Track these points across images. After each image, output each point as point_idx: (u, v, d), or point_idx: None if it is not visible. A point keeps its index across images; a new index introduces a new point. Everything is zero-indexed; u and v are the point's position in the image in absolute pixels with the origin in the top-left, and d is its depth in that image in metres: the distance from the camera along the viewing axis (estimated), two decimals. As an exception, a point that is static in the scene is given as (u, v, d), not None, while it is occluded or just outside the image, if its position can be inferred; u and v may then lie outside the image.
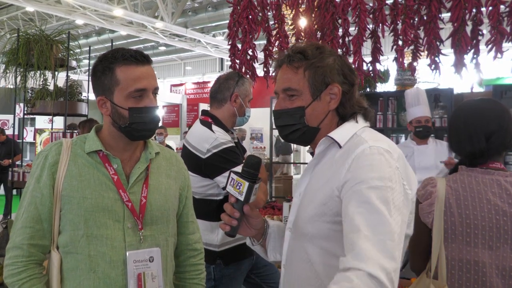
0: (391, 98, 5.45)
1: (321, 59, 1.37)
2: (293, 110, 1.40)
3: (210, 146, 2.35)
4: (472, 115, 1.83)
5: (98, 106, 1.55)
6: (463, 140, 1.81)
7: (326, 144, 1.39)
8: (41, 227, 1.49)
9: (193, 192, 2.19)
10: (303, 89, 1.38)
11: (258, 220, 1.49)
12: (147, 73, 1.52)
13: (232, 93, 2.56)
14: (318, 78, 1.37)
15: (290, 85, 1.40)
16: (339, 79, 1.37)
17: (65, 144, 1.55)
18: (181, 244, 1.75)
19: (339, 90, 1.37)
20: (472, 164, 1.80)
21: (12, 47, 4.21)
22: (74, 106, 4.51)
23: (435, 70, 3.43)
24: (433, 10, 3.10)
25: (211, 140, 2.37)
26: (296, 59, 1.39)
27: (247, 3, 4.02)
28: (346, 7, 3.40)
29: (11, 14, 16.52)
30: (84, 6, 12.73)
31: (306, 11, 3.81)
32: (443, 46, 3.36)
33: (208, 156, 2.34)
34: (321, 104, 1.39)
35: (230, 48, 4.20)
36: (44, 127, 11.49)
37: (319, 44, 1.43)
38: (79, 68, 4.67)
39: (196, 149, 2.39)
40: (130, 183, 1.54)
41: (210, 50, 18.12)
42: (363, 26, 3.32)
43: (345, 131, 1.37)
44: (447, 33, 3.31)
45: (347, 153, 1.30)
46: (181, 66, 23.84)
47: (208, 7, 14.08)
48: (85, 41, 17.23)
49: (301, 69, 1.38)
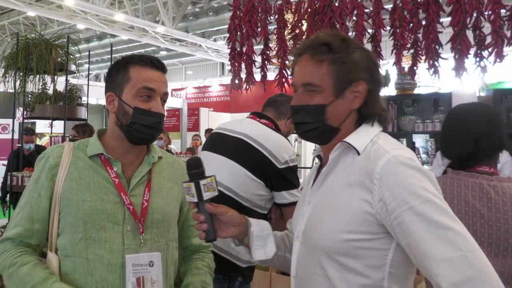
0: (391, 102, 5.43)
1: (348, 53, 1.27)
2: (313, 107, 1.29)
3: (288, 158, 2.17)
4: (461, 118, 1.83)
5: (106, 103, 1.57)
6: (452, 143, 1.81)
7: (341, 149, 1.30)
8: (32, 227, 1.50)
9: (241, 198, 2.13)
10: (326, 85, 1.28)
11: (228, 215, 1.39)
12: (159, 78, 1.54)
13: None
14: (344, 74, 1.27)
15: (311, 79, 1.29)
16: (365, 76, 1.28)
17: (67, 147, 1.56)
18: (186, 249, 1.75)
19: (364, 88, 1.28)
20: (460, 167, 1.79)
21: (12, 51, 4.20)
22: (74, 110, 4.50)
23: (434, 74, 3.43)
24: (431, 14, 3.09)
25: (291, 152, 2.20)
26: (320, 51, 1.28)
27: (250, 6, 4.02)
28: (344, 11, 3.40)
29: (13, 18, 16.56)
30: (85, 10, 12.75)
31: (308, 16, 3.81)
32: (443, 50, 3.36)
33: (284, 168, 2.16)
34: (344, 103, 1.29)
35: (230, 51, 4.19)
36: (44, 131, 11.51)
37: (345, 36, 1.32)
38: (79, 73, 4.64)
39: (273, 156, 2.15)
40: (131, 186, 1.54)
41: (211, 55, 18.14)
42: (360, 30, 3.32)
43: (363, 136, 1.28)
44: (447, 37, 3.31)
45: (367, 163, 1.22)
46: (182, 70, 23.85)
47: (209, 11, 14.10)
48: (86, 46, 17.25)
49: (325, 63, 1.27)
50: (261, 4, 4.05)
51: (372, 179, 1.19)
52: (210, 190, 1.32)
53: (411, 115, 5.31)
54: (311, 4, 3.70)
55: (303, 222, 1.36)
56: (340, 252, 1.23)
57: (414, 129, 5.23)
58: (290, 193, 2.17)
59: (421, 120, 5.19)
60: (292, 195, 2.17)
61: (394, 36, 3.41)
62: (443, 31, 3.32)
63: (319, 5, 3.60)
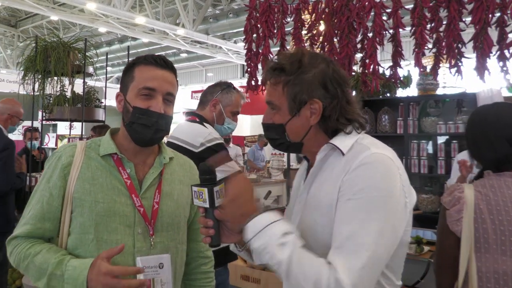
0: (413, 103, 5.31)
1: (300, 73, 1.33)
2: (275, 125, 1.39)
3: (204, 140, 2.33)
4: (488, 120, 1.74)
5: (116, 102, 1.57)
6: (483, 147, 1.72)
7: (327, 150, 1.35)
8: (42, 226, 1.50)
9: None
10: (282, 105, 1.36)
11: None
12: (163, 76, 1.52)
13: (214, 98, 2.57)
14: (296, 94, 1.33)
15: (271, 99, 1.38)
16: (320, 94, 1.33)
17: (80, 147, 1.55)
18: (192, 251, 1.73)
19: (319, 106, 1.33)
20: (498, 170, 1.70)
21: (31, 54, 4.25)
22: (91, 112, 4.54)
23: (456, 74, 3.32)
24: (452, 11, 2.99)
25: (205, 134, 2.36)
26: (274, 75, 1.37)
27: (266, 7, 3.98)
28: (361, 10, 3.32)
29: (37, 23, 16.93)
30: (107, 14, 12.94)
31: (326, 16, 3.75)
32: (465, 48, 3.25)
33: (202, 149, 2.31)
34: (301, 120, 1.35)
35: (247, 52, 4.16)
36: (65, 133, 11.70)
37: (301, 55, 1.37)
38: (97, 76, 4.67)
39: (188, 143, 2.34)
40: (143, 189, 1.52)
41: (231, 57, 18.19)
42: (378, 30, 3.23)
43: (347, 138, 1.33)
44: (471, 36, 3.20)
45: (350, 160, 1.26)
46: (203, 72, 23.98)
47: (229, 13, 14.13)
48: (108, 49, 17.49)
49: (279, 85, 1.35)
50: (278, 5, 4.00)
51: (348, 171, 1.24)
52: (221, 197, 1.32)
53: (433, 116, 5.19)
54: (329, 4, 3.63)
55: (295, 222, 1.40)
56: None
57: (436, 131, 5.11)
58: (219, 170, 2.16)
59: (443, 122, 5.06)
60: (221, 171, 2.20)
61: (415, 35, 3.32)
62: (466, 30, 3.21)
63: (337, 4, 3.53)
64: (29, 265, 1.44)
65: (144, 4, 13.37)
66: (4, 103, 3.96)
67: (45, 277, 1.40)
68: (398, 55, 3.50)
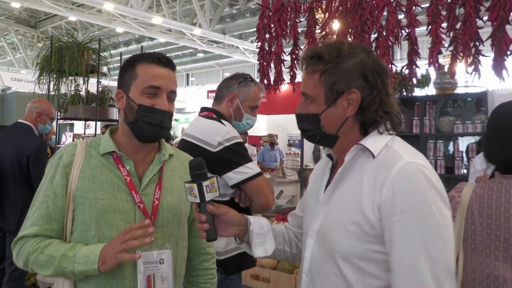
0: (429, 102, 5.22)
1: (338, 63, 1.30)
2: (308, 116, 1.37)
3: (221, 139, 2.15)
4: (502, 120, 1.68)
5: (116, 100, 1.58)
6: (494, 147, 1.67)
7: (356, 151, 1.32)
8: (50, 227, 1.51)
9: None
10: (317, 95, 1.34)
11: (229, 215, 1.42)
12: (166, 75, 1.54)
13: (230, 92, 2.40)
14: (334, 83, 1.30)
15: (305, 90, 1.37)
16: (358, 84, 1.30)
17: (80, 146, 1.57)
18: (194, 248, 1.75)
19: (357, 96, 1.29)
20: (508, 172, 1.65)
21: (46, 54, 4.30)
22: (105, 111, 4.57)
23: (474, 72, 3.24)
24: (468, 9, 2.91)
25: (223, 133, 2.18)
26: (311, 63, 1.34)
27: (279, 5, 3.96)
28: (374, 8, 3.26)
29: (55, 23, 17.16)
30: (124, 14, 13.05)
31: (339, 14, 3.70)
32: (483, 46, 3.17)
33: (220, 149, 2.14)
34: (337, 110, 1.32)
35: (259, 51, 4.13)
36: (81, 133, 11.84)
37: (340, 44, 1.34)
38: (111, 76, 4.71)
39: (204, 142, 2.18)
40: (143, 185, 1.54)
41: (248, 56, 18.17)
42: (391, 28, 3.17)
43: (377, 140, 1.30)
44: (489, 35, 3.12)
45: (382, 168, 1.24)
46: (220, 72, 24.01)
47: (246, 13, 14.11)
48: (125, 49, 17.64)
49: (316, 74, 1.33)
50: (291, 3, 3.97)
51: (384, 184, 1.21)
52: (212, 191, 1.35)
53: (451, 116, 5.09)
54: (342, 2, 3.58)
55: (317, 221, 1.38)
56: (357, 255, 1.25)
57: (453, 131, 5.02)
58: (237, 172, 2.14)
59: (460, 121, 4.97)
60: (240, 173, 2.15)
61: (429, 33, 3.25)
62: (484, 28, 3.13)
63: (350, 3, 3.48)
64: (38, 256, 1.44)
65: (161, 4, 13.46)
66: (33, 103, 4.00)
67: (55, 261, 1.41)
68: (414, 54, 3.43)
